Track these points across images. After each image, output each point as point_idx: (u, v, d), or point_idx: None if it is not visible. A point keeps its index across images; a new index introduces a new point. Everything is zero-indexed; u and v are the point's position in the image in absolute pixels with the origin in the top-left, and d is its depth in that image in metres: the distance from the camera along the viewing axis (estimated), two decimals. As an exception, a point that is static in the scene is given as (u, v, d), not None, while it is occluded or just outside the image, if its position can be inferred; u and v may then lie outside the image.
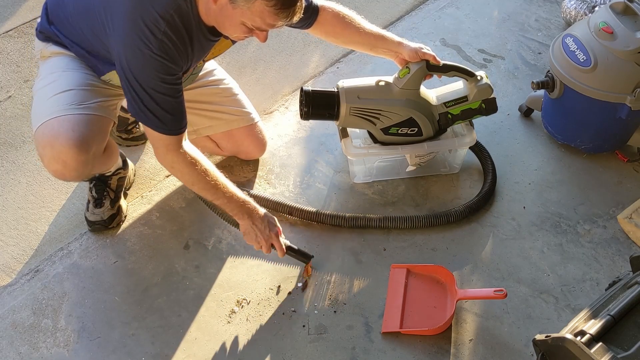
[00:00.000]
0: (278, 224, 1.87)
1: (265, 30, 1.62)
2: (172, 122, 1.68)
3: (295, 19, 1.59)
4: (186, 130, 1.74)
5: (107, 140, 1.81)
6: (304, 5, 1.60)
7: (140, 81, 1.60)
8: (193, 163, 1.73)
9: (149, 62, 1.58)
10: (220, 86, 2.14)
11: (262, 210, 1.85)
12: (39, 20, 1.86)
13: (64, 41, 1.80)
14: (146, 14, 1.54)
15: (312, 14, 1.94)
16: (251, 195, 2.08)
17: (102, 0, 1.62)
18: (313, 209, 2.06)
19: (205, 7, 1.60)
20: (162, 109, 1.64)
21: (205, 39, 1.70)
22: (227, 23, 1.61)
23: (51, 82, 1.77)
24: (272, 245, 1.86)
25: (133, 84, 1.60)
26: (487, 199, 2.13)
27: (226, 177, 1.81)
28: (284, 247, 1.87)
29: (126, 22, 1.56)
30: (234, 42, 1.89)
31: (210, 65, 2.12)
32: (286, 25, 1.61)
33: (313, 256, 1.95)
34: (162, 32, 1.56)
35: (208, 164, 1.77)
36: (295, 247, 1.93)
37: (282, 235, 1.88)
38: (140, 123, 1.69)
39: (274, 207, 2.08)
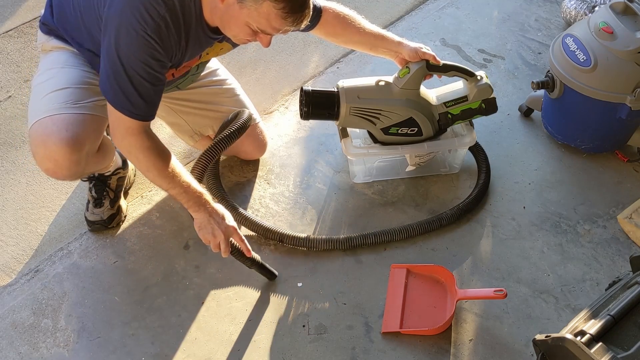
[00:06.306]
0: (234, 222, 1.75)
1: (270, 35, 1.60)
2: (142, 108, 1.62)
3: (303, 25, 1.58)
4: (151, 121, 1.69)
5: (101, 139, 1.80)
6: (311, 12, 1.57)
7: (124, 61, 1.56)
8: (150, 148, 1.66)
9: (140, 43, 1.54)
10: (223, 86, 2.14)
11: (217, 205, 1.75)
12: (42, 11, 1.85)
13: (65, 36, 1.80)
14: None
15: (315, 17, 1.94)
16: (242, 215, 2.03)
17: None
18: (303, 235, 1.99)
19: (211, 6, 1.59)
20: (138, 92, 1.60)
21: (204, 34, 1.69)
22: (232, 23, 1.59)
23: (49, 79, 1.77)
24: (233, 245, 1.73)
25: (114, 60, 1.56)
26: (476, 203, 2.12)
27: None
28: (246, 244, 1.75)
29: (125, 1, 1.54)
30: (234, 45, 1.88)
31: (213, 64, 2.12)
32: (293, 30, 1.59)
33: (277, 275, 1.89)
34: (160, 16, 1.54)
35: (166, 151, 1.70)
36: (262, 262, 1.82)
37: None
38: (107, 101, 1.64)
39: (264, 233, 2.01)
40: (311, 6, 1.57)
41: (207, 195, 1.72)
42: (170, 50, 1.62)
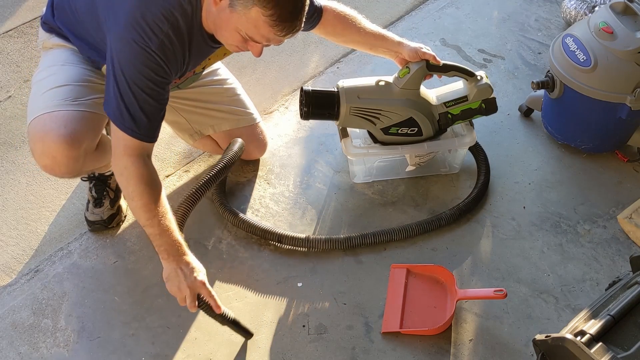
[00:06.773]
0: (204, 276, 1.64)
1: (260, 44, 1.58)
2: (145, 128, 1.60)
3: (292, 35, 1.56)
4: (152, 146, 1.66)
5: (99, 137, 1.79)
6: (302, 25, 1.55)
7: (127, 77, 1.55)
8: (142, 175, 1.60)
9: (144, 57, 1.54)
10: (224, 86, 2.14)
11: (192, 258, 1.65)
12: (44, 10, 1.86)
13: (67, 34, 1.80)
14: (150, 12, 1.53)
15: (316, 17, 1.94)
16: (242, 220, 2.02)
17: None
18: (302, 236, 1.99)
19: (207, 10, 1.59)
20: (142, 110, 1.58)
21: (205, 44, 1.69)
22: (222, 28, 1.59)
23: (49, 76, 1.77)
24: (200, 300, 1.62)
25: (119, 78, 1.56)
26: (476, 203, 2.12)
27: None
28: (217, 300, 1.63)
29: (128, 17, 1.54)
30: None
31: (214, 64, 2.12)
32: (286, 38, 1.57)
33: (253, 334, 1.76)
34: (164, 32, 1.55)
35: (158, 186, 1.64)
36: (234, 318, 1.69)
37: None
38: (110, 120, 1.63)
39: (263, 234, 2.00)
40: (304, 18, 1.54)
41: (183, 247, 1.64)
42: (173, 64, 1.62)
